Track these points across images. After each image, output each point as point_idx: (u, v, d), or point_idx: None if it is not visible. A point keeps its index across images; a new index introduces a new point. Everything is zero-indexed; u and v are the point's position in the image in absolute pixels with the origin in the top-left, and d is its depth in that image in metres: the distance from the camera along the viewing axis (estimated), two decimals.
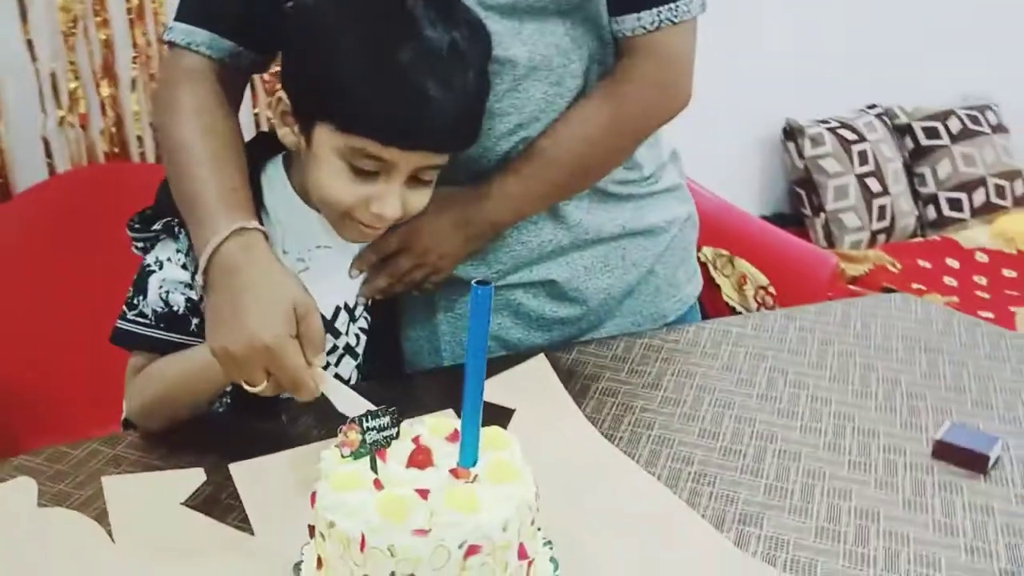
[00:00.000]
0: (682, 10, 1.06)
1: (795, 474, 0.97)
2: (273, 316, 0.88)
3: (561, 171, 1.11)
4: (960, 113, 2.87)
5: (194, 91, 1.03)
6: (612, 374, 1.14)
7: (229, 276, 0.91)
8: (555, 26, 1.06)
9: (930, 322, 1.29)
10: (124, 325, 1.03)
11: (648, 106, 1.12)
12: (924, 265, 2.58)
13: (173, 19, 1.07)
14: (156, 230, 1.02)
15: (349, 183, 0.96)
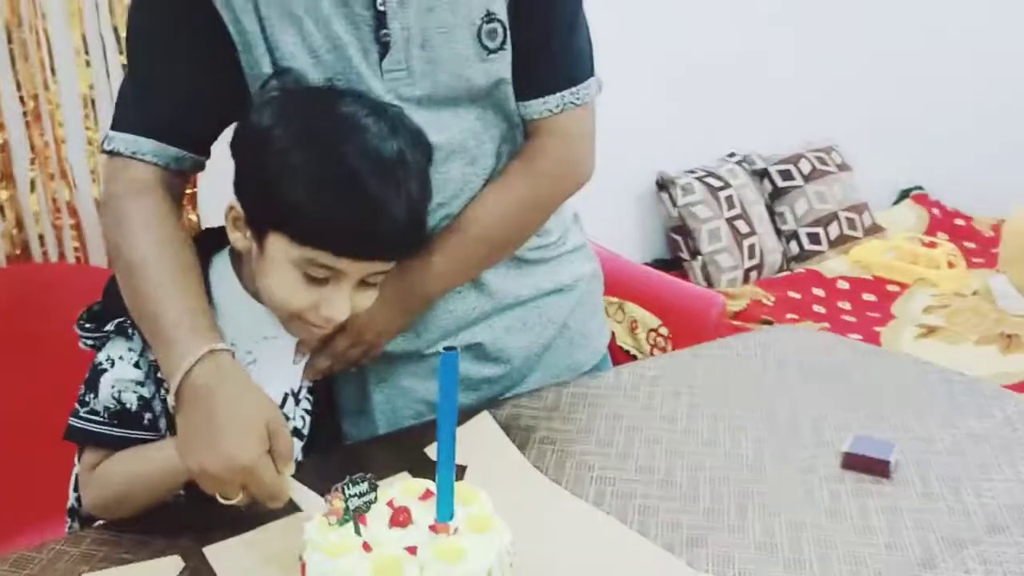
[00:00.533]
0: (582, 94, 1.16)
1: (728, 497, 1.05)
2: (249, 438, 0.91)
3: (483, 246, 1.18)
4: (808, 156, 3.11)
5: (144, 204, 1.04)
6: (547, 423, 1.21)
7: (203, 399, 0.93)
8: (468, 112, 1.13)
9: (815, 347, 1.42)
10: (77, 423, 1.04)
11: (557, 181, 1.21)
12: (794, 296, 2.77)
13: (110, 128, 1.07)
14: (108, 331, 1.03)
15: (301, 289, 0.99)
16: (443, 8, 1.06)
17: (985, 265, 2.99)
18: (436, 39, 1.07)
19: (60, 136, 1.79)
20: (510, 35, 1.10)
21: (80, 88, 1.80)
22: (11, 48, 1.71)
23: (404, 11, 1.05)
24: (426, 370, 1.24)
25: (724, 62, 2.82)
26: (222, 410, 0.92)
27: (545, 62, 1.14)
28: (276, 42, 1.04)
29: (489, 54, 1.10)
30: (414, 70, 1.08)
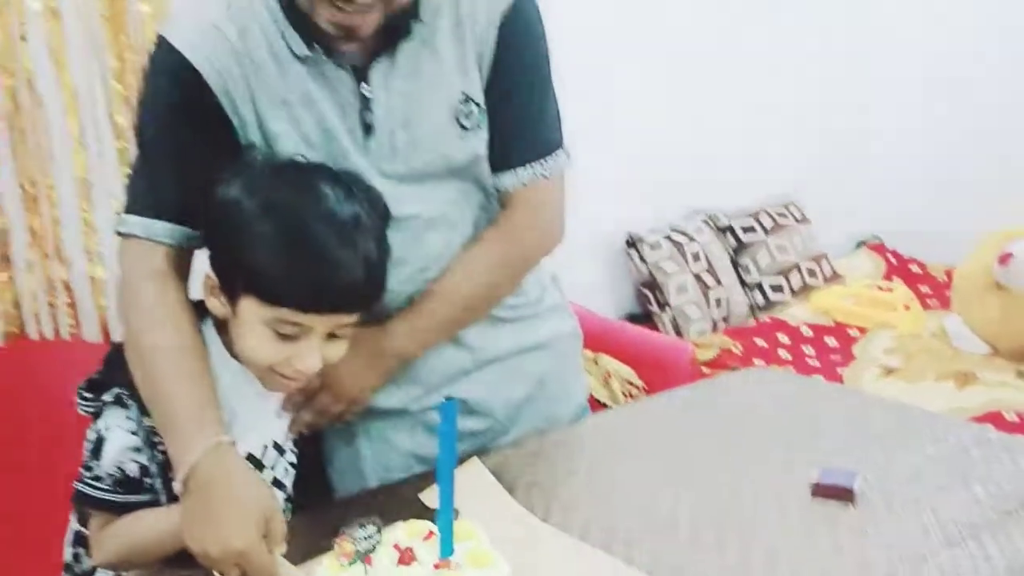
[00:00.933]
0: (551, 166, 1.24)
1: (707, 528, 1.11)
2: (245, 525, 0.97)
3: (459, 307, 1.25)
4: (769, 210, 3.23)
5: (159, 291, 1.10)
6: (532, 469, 1.27)
7: (205, 488, 1.00)
8: (448, 186, 1.21)
9: (782, 388, 1.49)
10: (83, 488, 1.10)
11: (529, 246, 1.29)
12: (760, 344, 2.85)
13: (124, 212, 1.13)
14: (107, 400, 1.09)
15: (273, 345, 1.06)
16: (423, 92, 1.15)
17: (940, 308, 3.10)
18: (417, 120, 1.16)
19: (57, 218, 1.86)
20: (487, 115, 1.19)
21: (76, 173, 1.87)
22: (11, 135, 1.78)
23: (387, 95, 1.14)
24: (412, 425, 1.30)
25: (686, 125, 2.95)
26: (222, 500, 0.99)
27: (516, 138, 1.22)
28: (268, 127, 1.12)
29: (466, 132, 1.18)
30: (397, 148, 1.16)
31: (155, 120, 1.14)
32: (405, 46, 1.14)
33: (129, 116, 1.89)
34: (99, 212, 1.91)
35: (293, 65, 1.11)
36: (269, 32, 1.11)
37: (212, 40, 1.10)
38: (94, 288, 1.94)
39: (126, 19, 1.86)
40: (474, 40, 1.16)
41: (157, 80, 1.14)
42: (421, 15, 1.13)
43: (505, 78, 1.19)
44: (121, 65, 1.87)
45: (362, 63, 1.13)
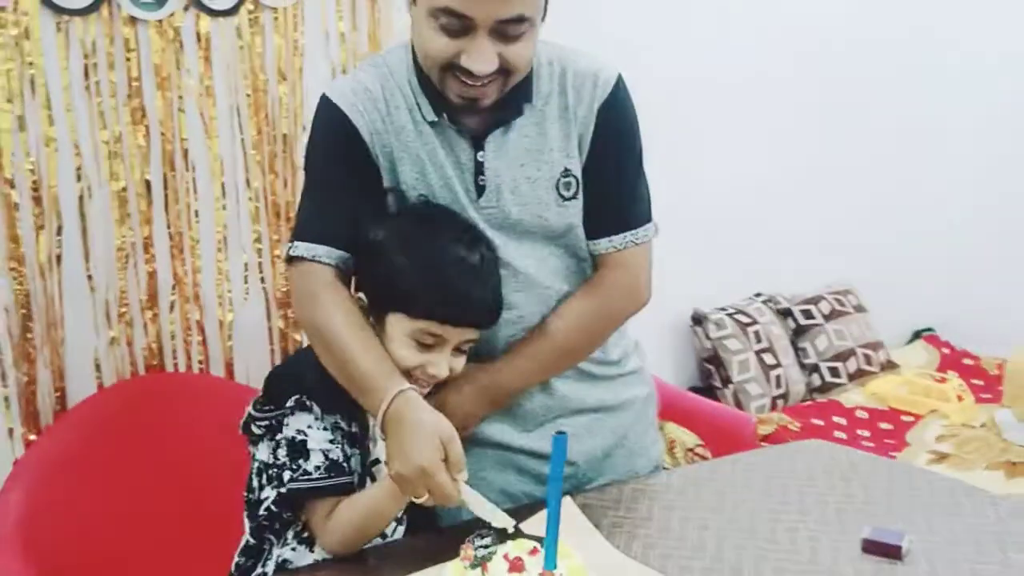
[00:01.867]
0: (641, 235, 1.42)
1: (767, 572, 1.25)
2: (425, 446, 1.16)
3: (557, 350, 1.41)
4: (828, 297, 3.35)
5: (334, 294, 1.30)
6: (614, 512, 1.41)
7: (397, 424, 1.20)
8: (544, 247, 1.39)
9: (838, 458, 1.62)
10: (298, 485, 1.25)
11: (620, 302, 1.45)
12: (817, 423, 2.95)
13: (293, 239, 1.34)
14: (289, 406, 1.27)
15: (413, 353, 1.28)
16: (530, 165, 1.35)
17: (992, 400, 3.17)
18: (524, 187, 1.35)
19: (197, 267, 2.07)
20: (584, 188, 1.38)
21: (216, 228, 2.10)
22: (166, 193, 2.01)
23: (498, 163, 1.34)
24: (505, 465, 1.46)
25: (753, 214, 3.11)
26: (407, 429, 1.18)
27: (613, 209, 1.40)
28: (403, 178, 1.34)
29: (564, 201, 1.37)
30: (504, 209, 1.35)
31: (319, 162, 1.37)
32: (517, 124, 1.33)
33: (263, 180, 2.12)
34: (232, 263, 2.12)
35: (424, 127, 1.32)
36: (408, 99, 1.33)
37: (364, 100, 1.33)
38: (222, 330, 2.14)
39: (266, 98, 2.10)
40: (577, 124, 1.36)
41: (322, 131, 1.36)
42: (533, 100, 1.33)
43: (603, 158, 1.37)
44: (259, 136, 2.11)
45: (479, 133, 1.33)
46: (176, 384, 2.06)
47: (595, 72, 1.36)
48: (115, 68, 1.90)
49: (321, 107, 1.36)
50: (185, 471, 1.92)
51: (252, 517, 1.33)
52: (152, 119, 1.96)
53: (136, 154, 1.95)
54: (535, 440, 1.45)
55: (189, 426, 1.97)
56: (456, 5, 1.18)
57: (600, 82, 1.35)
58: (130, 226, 1.97)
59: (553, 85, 1.35)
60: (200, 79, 2.00)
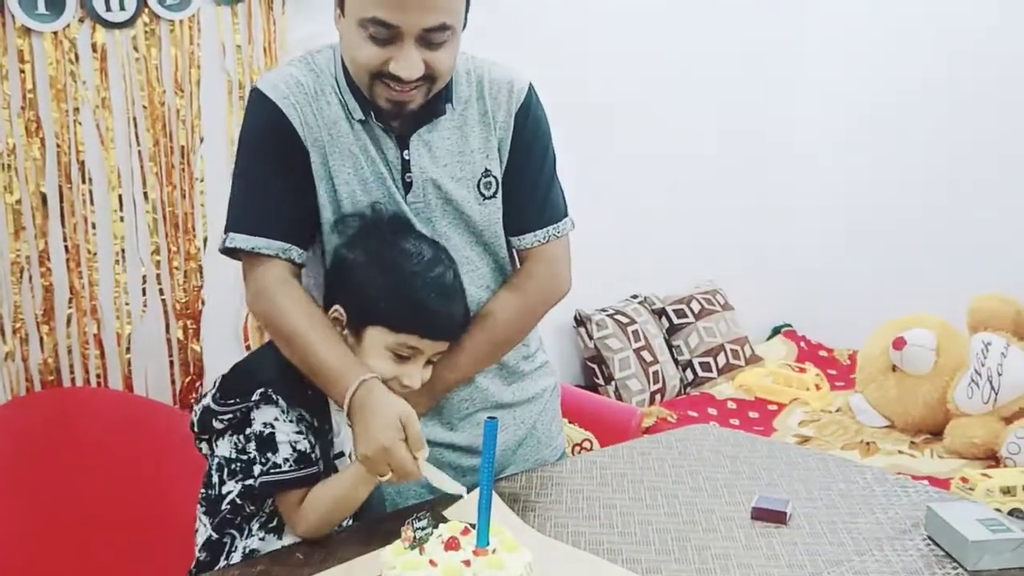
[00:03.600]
0: (562, 228, 1.52)
1: (671, 542, 1.35)
2: (387, 428, 1.22)
3: (489, 344, 1.48)
4: (698, 297, 3.55)
5: (292, 290, 1.35)
6: (525, 497, 1.49)
7: (360, 409, 1.26)
8: (468, 245, 1.45)
9: (722, 439, 1.76)
10: (269, 478, 1.28)
11: (545, 294, 1.54)
12: (692, 414, 3.12)
13: (226, 231, 1.35)
14: (255, 400, 1.29)
15: (389, 365, 1.33)
16: (453, 165, 1.42)
17: (845, 387, 3.43)
18: (448, 185, 1.42)
19: (94, 279, 2.04)
20: (507, 189, 1.46)
21: (113, 240, 2.07)
22: (62, 205, 1.98)
23: (422, 161, 1.40)
24: (430, 460, 1.52)
25: (628, 219, 3.27)
26: (370, 413, 1.25)
27: (534, 206, 1.49)
28: (335, 171, 1.38)
29: (485, 200, 1.45)
30: (430, 204, 1.42)
31: (251, 154, 1.39)
32: (440, 127, 1.41)
33: (160, 192, 2.11)
34: (130, 275, 2.10)
35: (355, 124, 1.38)
36: (337, 96, 1.38)
37: (296, 93, 1.37)
38: (120, 343, 2.11)
39: (163, 110, 2.10)
40: (497, 129, 1.44)
41: (253, 123, 1.39)
42: (454, 103, 1.41)
43: (523, 160, 1.46)
44: (156, 148, 2.10)
45: (404, 133, 1.40)
46: (74, 399, 2.02)
47: (510, 80, 1.45)
48: (8, 79, 1.86)
49: (252, 100, 1.39)
50: (87, 485, 1.89)
51: (212, 512, 1.34)
52: (48, 131, 1.93)
53: (31, 166, 1.92)
54: (458, 435, 1.52)
55: (89, 440, 1.94)
56: (385, 16, 1.24)
57: (515, 90, 1.44)
58: (24, 239, 1.93)
59: (472, 91, 1.43)
60: (96, 91, 1.98)
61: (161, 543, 1.62)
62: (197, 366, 2.20)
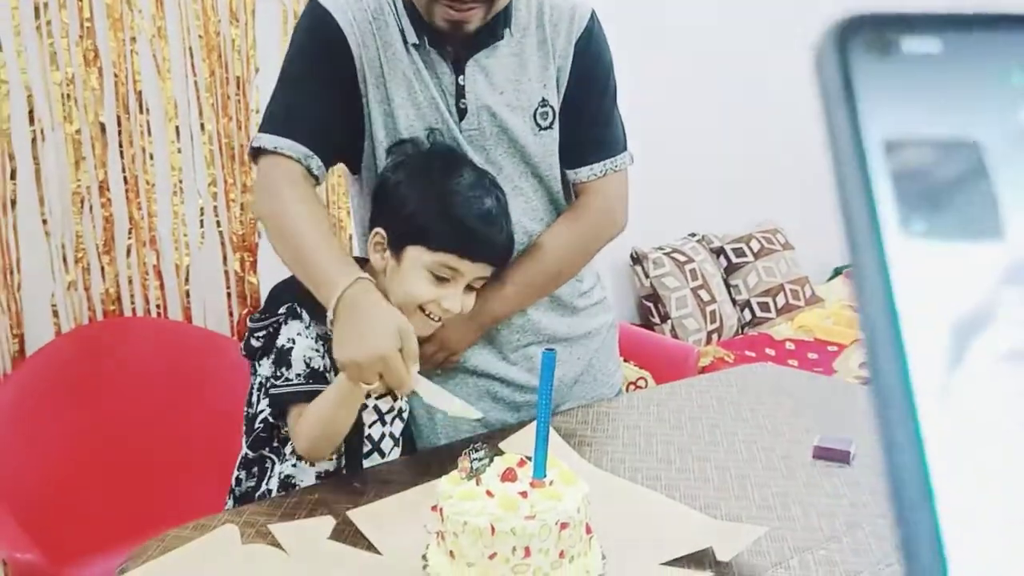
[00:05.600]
0: (620, 162, 1.47)
1: (730, 479, 1.34)
2: (386, 336, 1.16)
3: (540, 276, 1.45)
4: (757, 236, 3.48)
5: (297, 188, 1.30)
6: (582, 432, 1.49)
7: (353, 309, 1.19)
8: (523, 176, 1.42)
9: (783, 377, 1.73)
10: (279, 391, 1.27)
11: (599, 229, 1.50)
12: (750, 354, 3.09)
13: (258, 132, 1.33)
14: (282, 313, 1.29)
15: (428, 286, 1.29)
16: (509, 93, 1.38)
17: None
18: (503, 113, 1.38)
19: (153, 211, 2.06)
20: (563, 119, 1.41)
21: (171, 171, 2.08)
22: (120, 136, 1.99)
23: (477, 87, 1.37)
24: (481, 394, 1.49)
25: (687, 156, 3.20)
26: (366, 316, 1.18)
27: (592, 138, 1.45)
28: (391, 94, 1.35)
29: (541, 131, 1.41)
30: (484, 133, 1.38)
31: (298, 61, 1.35)
32: (497, 53, 1.36)
33: (217, 123, 2.11)
34: (188, 207, 2.11)
35: (410, 48, 1.34)
36: (394, 17, 1.34)
37: (357, 11, 1.33)
38: (178, 274, 2.14)
39: (218, 40, 2.08)
40: (556, 58, 1.39)
41: (308, 32, 1.35)
42: (512, 29, 1.36)
43: (581, 90, 1.41)
44: (212, 79, 2.09)
45: (459, 58, 1.35)
46: (134, 328, 2.05)
47: (572, 7, 1.39)
48: (67, 7, 1.86)
49: (310, 9, 1.35)
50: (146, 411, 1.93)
51: (249, 432, 1.35)
52: (105, 60, 1.92)
53: (90, 96, 1.92)
54: (511, 368, 1.50)
55: (149, 370, 1.97)
56: None
57: (576, 17, 1.39)
58: (85, 169, 1.94)
59: (531, 18, 1.38)
60: (152, 20, 1.97)
61: (216, 470, 1.65)
62: (254, 298, 2.21)
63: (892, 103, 0.25)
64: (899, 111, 0.25)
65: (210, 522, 1.23)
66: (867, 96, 0.25)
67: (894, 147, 0.25)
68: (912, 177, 0.25)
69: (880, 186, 0.25)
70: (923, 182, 0.25)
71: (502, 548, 1.03)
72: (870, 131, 0.25)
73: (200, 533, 1.19)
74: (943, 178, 0.25)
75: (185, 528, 1.20)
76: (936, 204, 0.25)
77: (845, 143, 0.26)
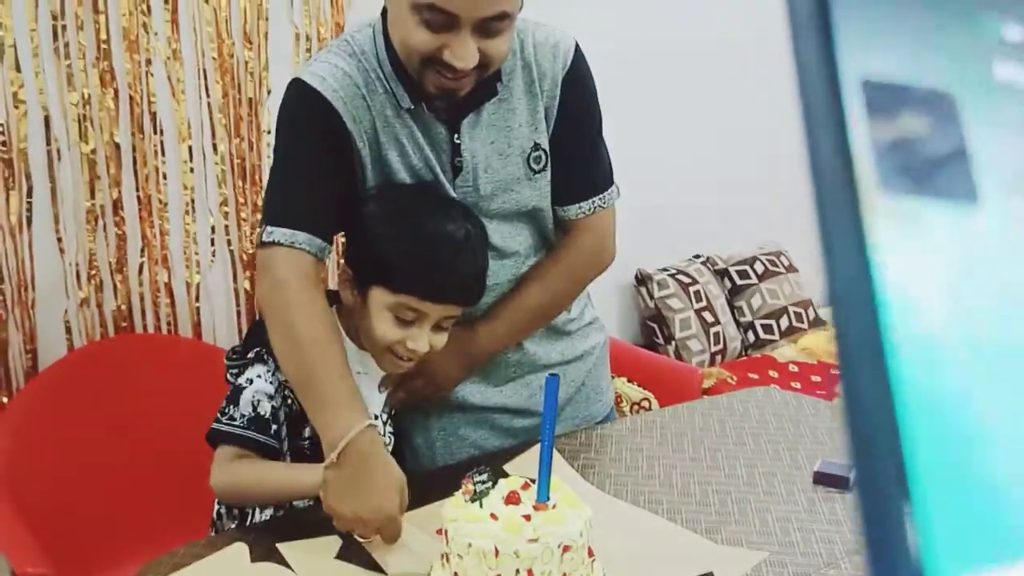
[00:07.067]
0: (607, 198, 1.48)
1: (730, 503, 1.35)
2: (393, 497, 1.17)
3: (532, 313, 1.47)
4: (761, 258, 3.50)
5: (312, 292, 1.27)
6: (585, 455, 1.51)
7: (361, 461, 1.16)
8: (518, 226, 1.43)
9: (784, 402, 1.74)
10: (219, 427, 1.27)
11: (590, 264, 1.52)
12: (753, 376, 3.10)
13: (267, 224, 1.29)
14: (250, 357, 1.30)
15: (393, 328, 1.27)
16: (500, 141, 1.38)
17: None
18: (495, 163, 1.38)
19: (165, 229, 2.09)
20: (552, 157, 1.41)
21: (183, 191, 2.11)
22: (134, 155, 2.02)
23: (472, 144, 1.36)
24: (479, 422, 1.52)
25: (692, 177, 3.23)
26: (373, 473, 1.17)
27: (580, 175, 1.45)
28: (386, 159, 1.34)
29: (534, 175, 1.41)
30: (479, 189, 1.38)
31: (294, 146, 1.33)
32: (488, 104, 1.36)
33: (229, 144, 2.14)
34: (199, 225, 2.14)
35: (402, 112, 1.33)
36: (384, 84, 1.32)
37: (345, 86, 1.30)
38: (189, 292, 2.17)
39: (231, 62, 2.11)
40: (543, 98, 1.38)
41: (297, 115, 1.32)
42: (502, 79, 1.35)
43: (569, 127, 1.41)
44: (225, 100, 2.12)
45: (454, 116, 1.35)
46: (146, 345, 2.08)
47: (554, 43, 1.38)
48: (84, 29, 1.90)
49: (296, 91, 1.31)
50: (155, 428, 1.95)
51: None
52: (121, 81, 1.96)
53: (105, 116, 1.95)
54: (507, 396, 1.51)
55: (159, 387, 2.00)
56: (443, 3, 1.17)
57: (560, 52, 1.38)
58: (100, 188, 1.98)
59: (516, 60, 1.36)
60: (168, 42, 2.00)
61: None
62: None
63: (870, 40, 0.23)
64: (877, 49, 0.23)
65: (220, 539, 1.25)
66: (845, 28, 0.23)
67: (872, 89, 0.23)
68: (888, 126, 0.22)
69: (857, 132, 0.22)
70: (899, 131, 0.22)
71: (506, 570, 1.05)
72: (848, 67, 0.23)
73: (210, 550, 1.21)
74: (919, 131, 0.23)
75: (195, 545, 1.23)
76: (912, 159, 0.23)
77: (820, 77, 0.23)
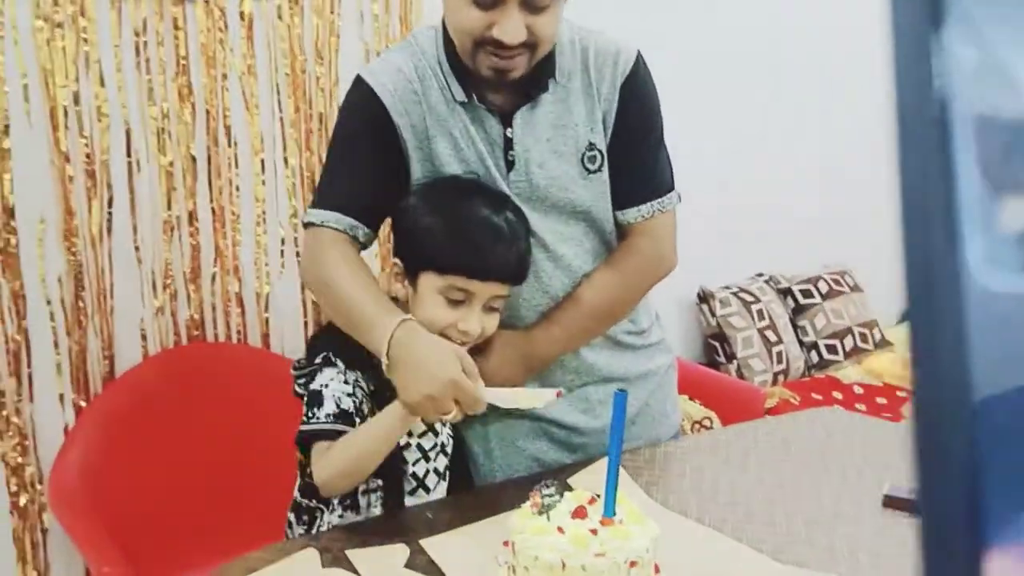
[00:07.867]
0: (667, 203, 1.48)
1: (798, 524, 1.34)
2: (448, 363, 1.22)
3: (587, 319, 1.46)
4: (826, 277, 3.45)
5: (338, 248, 1.36)
6: (648, 472, 1.50)
7: (406, 348, 1.24)
8: (571, 224, 1.43)
9: (850, 422, 1.72)
10: (308, 428, 1.30)
11: (648, 270, 1.51)
12: (817, 397, 3.06)
13: (312, 207, 1.40)
14: (318, 363, 1.33)
15: (444, 310, 1.31)
16: (556, 139, 1.40)
17: None
18: (550, 161, 1.40)
19: (237, 240, 2.15)
20: (611, 162, 1.43)
21: (255, 203, 2.17)
22: (209, 168, 2.08)
23: (525, 138, 1.39)
24: (537, 434, 1.52)
25: (756, 196, 3.21)
26: (421, 352, 1.23)
27: (639, 180, 1.46)
28: (437, 153, 1.38)
29: (589, 175, 1.42)
30: (533, 184, 1.40)
31: (343, 137, 1.42)
32: (543, 100, 1.39)
33: (299, 157, 2.19)
34: (270, 237, 2.20)
35: (455, 106, 1.37)
36: (439, 79, 1.38)
37: (397, 80, 1.37)
38: (259, 302, 2.22)
39: (303, 77, 2.17)
40: (601, 102, 1.40)
41: (350, 109, 1.42)
42: (557, 76, 1.39)
43: (627, 133, 1.43)
44: (296, 115, 2.18)
45: (507, 111, 1.38)
46: (216, 353, 2.13)
47: (616, 51, 1.41)
48: (164, 45, 1.96)
49: (352, 86, 1.41)
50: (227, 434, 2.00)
51: (301, 476, 1.39)
52: (198, 96, 2.02)
53: (183, 130, 2.02)
54: (565, 411, 1.51)
55: (229, 394, 2.05)
56: None
57: (621, 60, 1.40)
58: (176, 199, 2.04)
59: (576, 63, 1.40)
60: (243, 58, 2.06)
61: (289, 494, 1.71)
62: None
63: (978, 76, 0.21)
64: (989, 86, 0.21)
65: (291, 545, 1.28)
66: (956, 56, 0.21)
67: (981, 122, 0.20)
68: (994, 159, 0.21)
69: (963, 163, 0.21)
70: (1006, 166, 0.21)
71: None
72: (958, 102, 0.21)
73: (281, 556, 1.24)
74: None
75: (267, 550, 1.25)
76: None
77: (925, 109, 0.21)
